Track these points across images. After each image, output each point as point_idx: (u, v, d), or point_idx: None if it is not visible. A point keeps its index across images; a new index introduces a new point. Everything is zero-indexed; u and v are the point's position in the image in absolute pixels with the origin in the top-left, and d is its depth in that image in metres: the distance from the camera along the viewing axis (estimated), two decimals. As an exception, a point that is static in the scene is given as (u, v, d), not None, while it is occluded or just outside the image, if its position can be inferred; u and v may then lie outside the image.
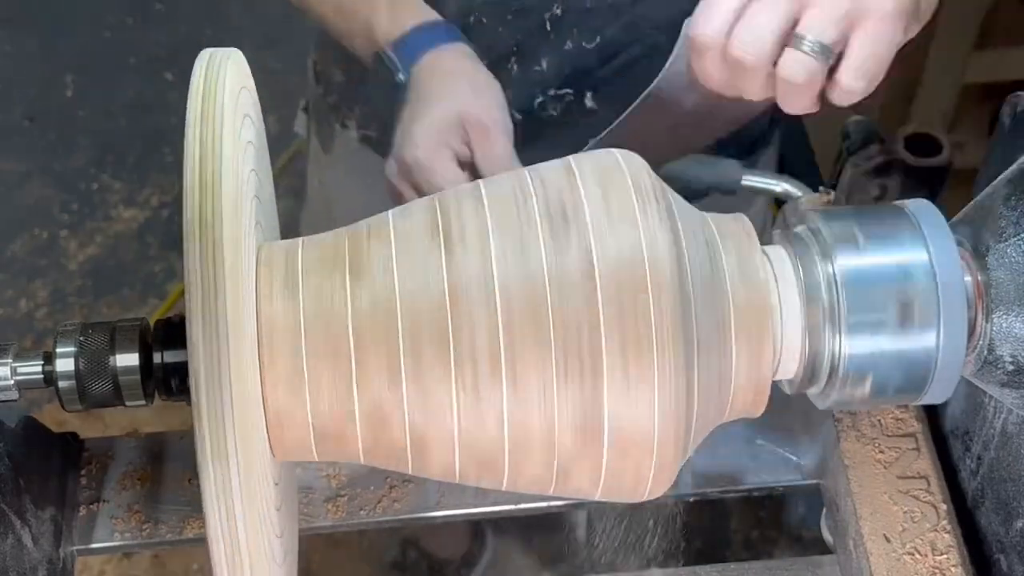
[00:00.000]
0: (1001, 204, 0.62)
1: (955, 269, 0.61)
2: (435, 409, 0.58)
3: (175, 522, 0.84)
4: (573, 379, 0.57)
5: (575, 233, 0.58)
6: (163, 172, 2.42)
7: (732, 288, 0.61)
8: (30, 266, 2.30)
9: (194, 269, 0.54)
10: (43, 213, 2.37)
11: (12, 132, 2.50)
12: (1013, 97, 0.74)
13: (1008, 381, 0.62)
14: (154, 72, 2.58)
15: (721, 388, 0.61)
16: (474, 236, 0.59)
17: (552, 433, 0.59)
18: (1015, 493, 0.75)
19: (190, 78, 0.59)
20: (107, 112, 2.53)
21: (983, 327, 0.62)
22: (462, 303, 0.58)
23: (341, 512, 0.85)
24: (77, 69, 2.60)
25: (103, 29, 2.67)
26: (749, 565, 0.84)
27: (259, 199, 0.65)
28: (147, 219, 2.36)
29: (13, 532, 0.75)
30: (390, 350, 0.58)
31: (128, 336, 0.63)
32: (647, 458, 0.59)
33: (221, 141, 0.56)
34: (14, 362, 0.64)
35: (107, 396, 0.63)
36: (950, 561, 0.77)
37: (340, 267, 0.60)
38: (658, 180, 0.62)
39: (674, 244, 0.59)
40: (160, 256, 2.30)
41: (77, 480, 0.86)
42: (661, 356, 0.57)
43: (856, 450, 0.82)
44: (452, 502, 0.85)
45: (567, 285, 0.57)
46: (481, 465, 0.61)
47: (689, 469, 0.86)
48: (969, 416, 0.81)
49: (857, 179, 0.84)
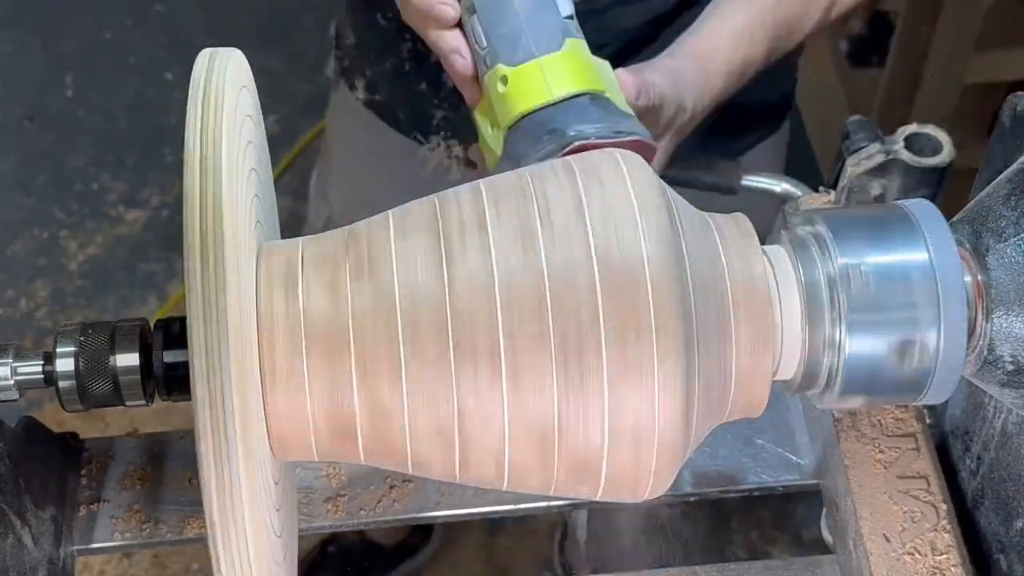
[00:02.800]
0: (1001, 204, 0.62)
1: (955, 269, 0.61)
2: (435, 407, 0.58)
3: (175, 522, 0.84)
4: (573, 379, 0.57)
5: (575, 233, 0.58)
6: (163, 172, 2.42)
7: (732, 288, 0.61)
8: (30, 266, 2.29)
9: (194, 269, 0.54)
10: (43, 213, 2.37)
11: (12, 132, 2.50)
12: (1013, 97, 0.74)
13: (1008, 381, 0.62)
14: (154, 72, 2.58)
15: (721, 388, 0.61)
16: (474, 235, 0.59)
17: (551, 431, 0.59)
18: (1015, 493, 0.75)
19: (190, 78, 0.59)
20: (107, 112, 2.53)
21: (983, 327, 0.62)
22: (462, 302, 0.58)
23: (341, 512, 0.85)
24: (77, 69, 2.59)
25: (103, 29, 2.66)
26: (749, 565, 0.84)
27: (259, 198, 0.65)
28: (147, 219, 2.36)
29: (13, 532, 0.75)
30: (390, 349, 0.58)
31: (128, 336, 0.63)
32: (647, 457, 0.59)
33: (221, 141, 0.56)
34: (14, 362, 0.64)
35: (107, 396, 0.63)
36: (950, 561, 0.77)
37: (340, 266, 0.60)
38: (658, 179, 0.62)
39: (674, 244, 0.59)
40: (160, 256, 2.30)
41: (77, 480, 0.86)
42: (661, 356, 0.57)
43: (856, 450, 0.82)
44: (452, 502, 0.85)
45: (567, 285, 0.57)
46: (481, 464, 0.61)
47: (689, 469, 0.86)
48: (969, 416, 0.81)
49: (857, 179, 0.84)
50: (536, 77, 0.81)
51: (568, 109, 0.80)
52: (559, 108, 0.80)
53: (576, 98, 0.80)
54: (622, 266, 0.58)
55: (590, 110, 0.80)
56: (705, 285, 0.60)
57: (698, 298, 0.59)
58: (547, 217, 0.59)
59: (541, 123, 0.80)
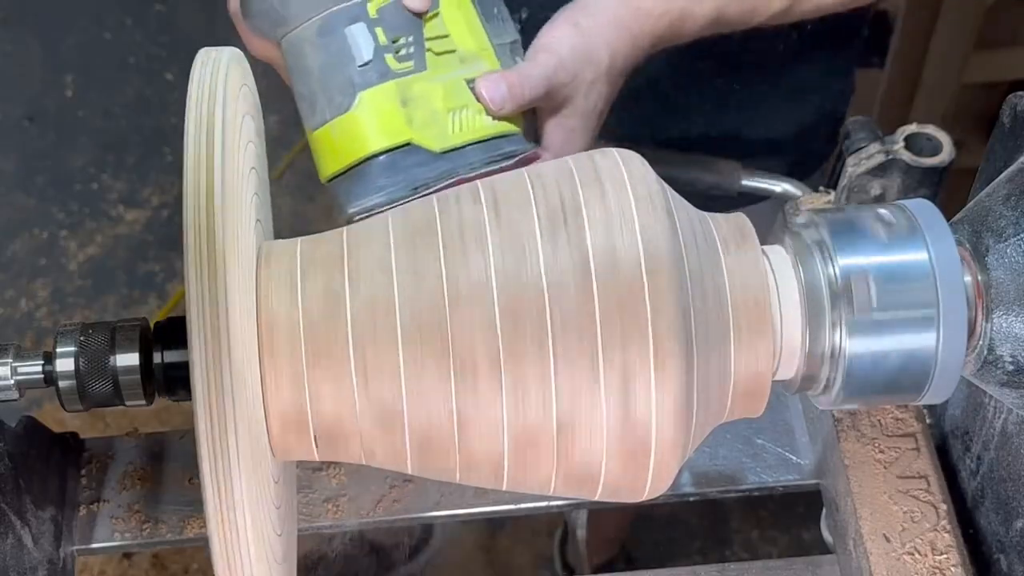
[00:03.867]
0: (1001, 204, 0.62)
1: (955, 269, 0.61)
2: (434, 409, 0.58)
3: (175, 522, 0.84)
4: (572, 378, 0.57)
5: (574, 233, 0.58)
6: (163, 172, 2.42)
7: (731, 288, 0.61)
8: (30, 266, 2.29)
9: (194, 269, 0.54)
10: (43, 213, 2.37)
11: (12, 132, 2.50)
12: (1013, 97, 0.74)
13: (1008, 381, 0.62)
14: (154, 72, 2.58)
15: (721, 388, 0.61)
16: (472, 236, 0.59)
17: (551, 433, 0.59)
18: (1015, 493, 0.75)
19: (190, 78, 0.59)
20: (107, 112, 2.53)
21: (983, 327, 0.62)
22: (461, 303, 0.58)
23: (341, 512, 0.85)
24: (77, 69, 2.60)
25: (103, 29, 2.66)
26: (749, 565, 0.84)
27: (259, 197, 0.65)
28: (147, 219, 2.36)
29: (13, 532, 0.75)
30: (389, 350, 0.58)
31: (128, 336, 0.63)
32: (647, 458, 0.59)
33: (221, 140, 0.56)
34: (14, 362, 0.64)
35: (107, 396, 0.63)
36: (950, 561, 0.77)
37: (339, 266, 0.60)
38: (657, 179, 0.62)
39: (673, 244, 0.59)
40: (160, 256, 2.30)
41: (77, 480, 0.86)
42: (660, 356, 0.57)
43: (856, 450, 0.82)
44: (452, 502, 0.85)
45: (566, 285, 0.57)
46: (480, 465, 0.61)
47: (689, 469, 0.86)
48: (969, 416, 0.81)
49: (857, 179, 0.84)
50: (328, 143, 0.78)
51: (355, 178, 0.78)
52: (347, 177, 0.78)
53: (372, 159, 0.77)
54: (621, 268, 0.58)
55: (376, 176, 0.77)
56: (705, 286, 0.60)
57: (698, 299, 0.59)
58: (546, 220, 0.59)
59: (337, 192, 0.79)
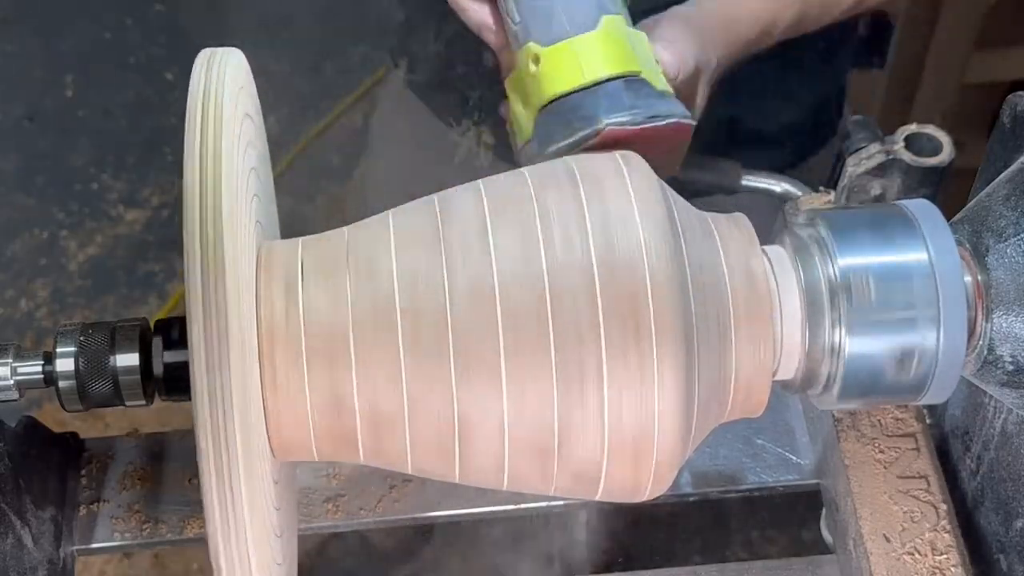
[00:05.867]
0: (1001, 204, 0.62)
1: (955, 269, 0.61)
2: (435, 409, 0.58)
3: (175, 522, 0.84)
4: (573, 379, 0.57)
5: (575, 233, 0.58)
6: (163, 172, 2.42)
7: (732, 288, 0.61)
8: (30, 266, 2.29)
9: (194, 269, 0.54)
10: (43, 213, 2.37)
11: (12, 132, 2.50)
12: (1013, 97, 0.74)
13: (1008, 381, 0.62)
14: (154, 72, 2.58)
15: (721, 388, 0.61)
16: (474, 237, 0.59)
17: (551, 433, 0.59)
18: (1015, 493, 0.74)
19: (190, 78, 0.59)
20: (107, 112, 2.53)
21: (983, 327, 0.62)
22: (462, 304, 0.58)
23: (341, 512, 0.85)
24: (77, 69, 2.59)
25: (103, 29, 2.66)
26: (749, 565, 0.84)
27: (259, 198, 0.65)
28: (147, 219, 2.36)
29: (13, 532, 0.75)
30: (390, 350, 0.58)
31: (128, 336, 0.63)
32: (647, 458, 0.59)
33: (221, 141, 0.56)
34: (14, 362, 0.64)
35: (107, 396, 0.63)
36: (950, 561, 0.77)
37: (340, 267, 0.60)
38: (658, 180, 0.62)
39: (674, 244, 0.59)
40: (160, 256, 2.30)
41: (77, 480, 0.86)
42: (661, 356, 0.57)
43: (856, 450, 0.82)
44: (452, 502, 0.85)
45: (567, 286, 0.57)
46: (481, 466, 0.61)
47: (689, 469, 0.86)
48: (969, 416, 0.81)
49: (857, 179, 0.84)
50: (569, 58, 0.77)
51: (601, 94, 0.76)
52: (592, 92, 0.76)
53: (610, 81, 0.76)
54: (622, 269, 0.58)
55: (624, 95, 0.76)
56: (705, 286, 0.60)
57: (698, 299, 0.59)
58: (547, 221, 0.59)
59: (573, 108, 0.76)
